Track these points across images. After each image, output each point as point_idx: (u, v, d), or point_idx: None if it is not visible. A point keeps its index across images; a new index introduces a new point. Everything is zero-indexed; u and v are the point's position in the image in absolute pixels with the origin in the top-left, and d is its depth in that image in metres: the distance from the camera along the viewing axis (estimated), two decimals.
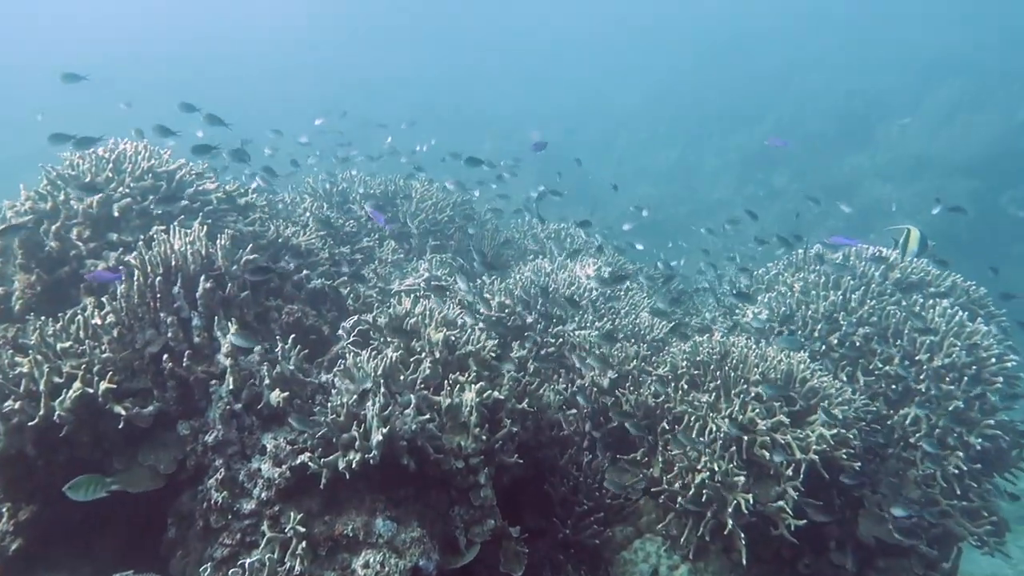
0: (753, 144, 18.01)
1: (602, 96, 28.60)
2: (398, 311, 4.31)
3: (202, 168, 4.84)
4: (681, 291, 6.78)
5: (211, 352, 3.63)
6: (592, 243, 7.18)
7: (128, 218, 4.18)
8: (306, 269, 4.92)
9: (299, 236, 5.05)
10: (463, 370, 4.11)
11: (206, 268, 3.75)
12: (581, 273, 5.67)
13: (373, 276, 5.24)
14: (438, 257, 5.95)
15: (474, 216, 6.95)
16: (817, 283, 5.31)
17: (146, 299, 3.56)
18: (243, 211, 4.90)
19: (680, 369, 4.48)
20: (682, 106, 23.39)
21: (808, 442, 3.94)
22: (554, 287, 5.28)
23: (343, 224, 5.62)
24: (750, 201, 16.72)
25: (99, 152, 4.30)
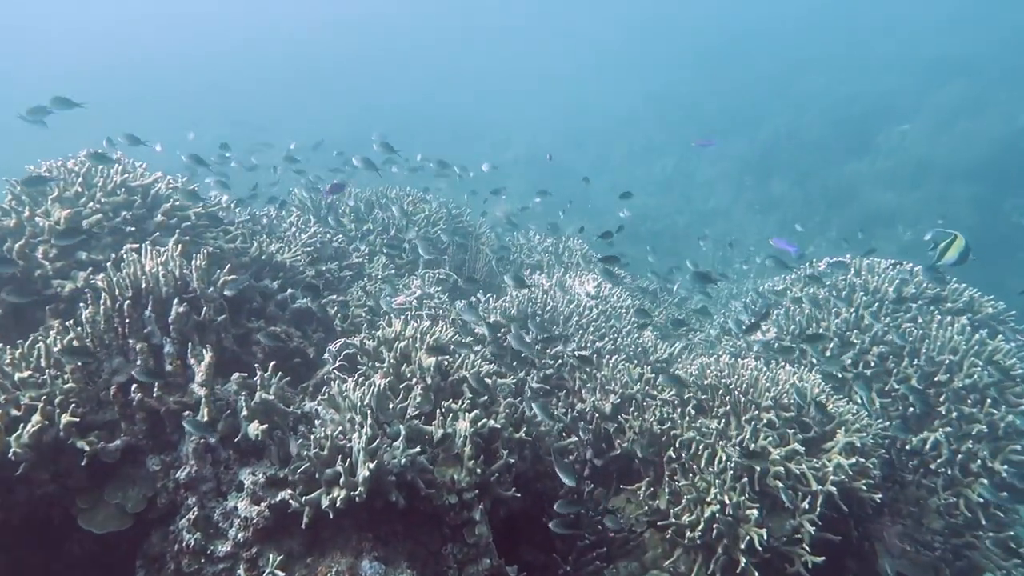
0: (751, 151, 17.83)
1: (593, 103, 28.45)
2: (387, 334, 4.06)
3: (181, 182, 4.59)
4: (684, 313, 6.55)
5: (184, 381, 3.36)
6: (591, 256, 6.95)
7: (99, 235, 3.93)
8: (290, 287, 4.67)
9: (283, 253, 4.80)
10: (456, 397, 3.86)
11: (180, 290, 3.49)
12: (580, 289, 5.43)
13: (362, 294, 4.99)
14: (431, 273, 5.70)
15: (469, 230, 6.71)
16: (828, 299, 5.08)
17: (113, 324, 3.30)
18: (224, 227, 4.65)
19: (687, 393, 4.23)
20: (678, 112, 23.23)
21: (825, 472, 3.69)
22: (552, 305, 5.03)
23: (331, 239, 5.37)
24: (748, 210, 16.54)
25: (68, 165, 4.04)
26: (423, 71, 34.78)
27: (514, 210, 16.02)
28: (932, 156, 15.00)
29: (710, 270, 6.85)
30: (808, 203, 15.24)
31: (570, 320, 5.00)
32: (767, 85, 22.30)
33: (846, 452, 3.79)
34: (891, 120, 16.48)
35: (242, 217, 4.94)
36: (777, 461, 3.72)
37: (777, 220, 15.72)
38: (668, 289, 6.91)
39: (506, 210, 12.48)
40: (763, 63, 24.73)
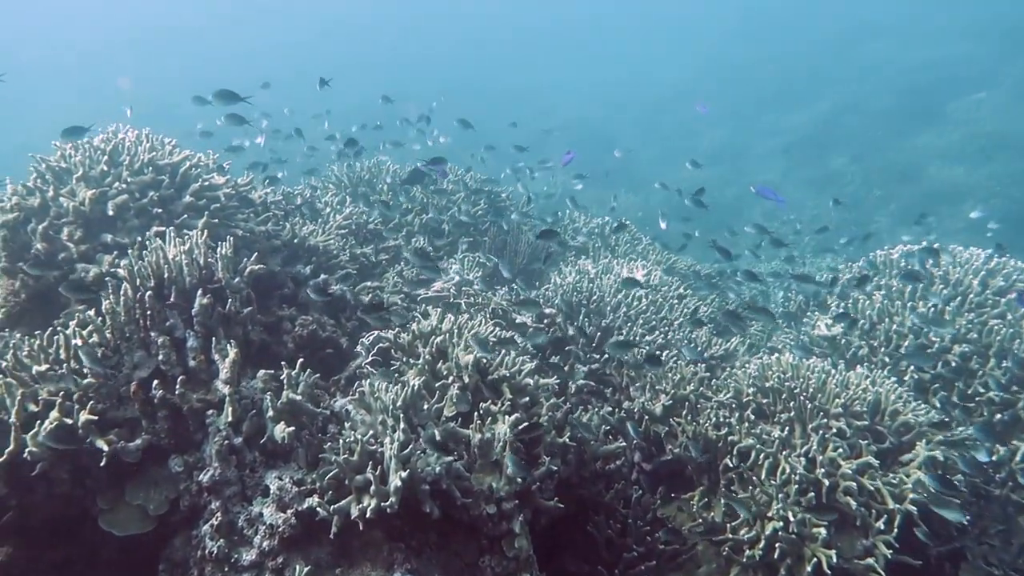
0: (809, 124, 16.94)
1: (645, 71, 27.55)
2: (423, 328, 3.80)
3: (211, 160, 4.38)
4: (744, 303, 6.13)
5: (208, 377, 3.17)
6: (640, 240, 6.57)
7: (125, 217, 3.74)
8: (324, 273, 4.45)
9: (317, 236, 4.57)
10: (496, 397, 3.59)
11: (204, 280, 3.28)
12: (628, 275, 5.08)
13: (399, 280, 4.74)
14: (470, 256, 5.42)
15: (509, 209, 6.39)
16: (902, 291, 4.63)
17: (135, 316, 3.11)
18: (256, 207, 4.43)
19: (746, 396, 3.89)
20: (731, 82, 22.28)
21: (903, 489, 3.33)
22: (598, 295, 4.70)
23: (367, 220, 5.12)
24: (803, 184, 15.77)
25: (95, 142, 3.86)
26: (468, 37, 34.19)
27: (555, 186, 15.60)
28: (1007, 129, 13.97)
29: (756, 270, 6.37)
30: (868, 178, 14.42)
31: (618, 311, 4.68)
32: (826, 53, 21.17)
33: (927, 467, 3.41)
34: (963, 90, 15.40)
35: (275, 197, 4.72)
36: (848, 475, 3.37)
37: (832, 195, 14.92)
38: (725, 277, 6.49)
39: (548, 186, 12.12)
40: (821, 29, 23.47)
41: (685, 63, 26.55)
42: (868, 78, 17.50)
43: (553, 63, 32.22)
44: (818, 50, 21.76)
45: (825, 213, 14.52)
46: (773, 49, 23.40)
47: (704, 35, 27.57)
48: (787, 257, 8.19)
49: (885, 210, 13.39)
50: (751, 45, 24.68)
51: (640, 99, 24.46)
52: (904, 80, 17.01)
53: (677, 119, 21.58)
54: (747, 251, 9.18)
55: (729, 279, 6.16)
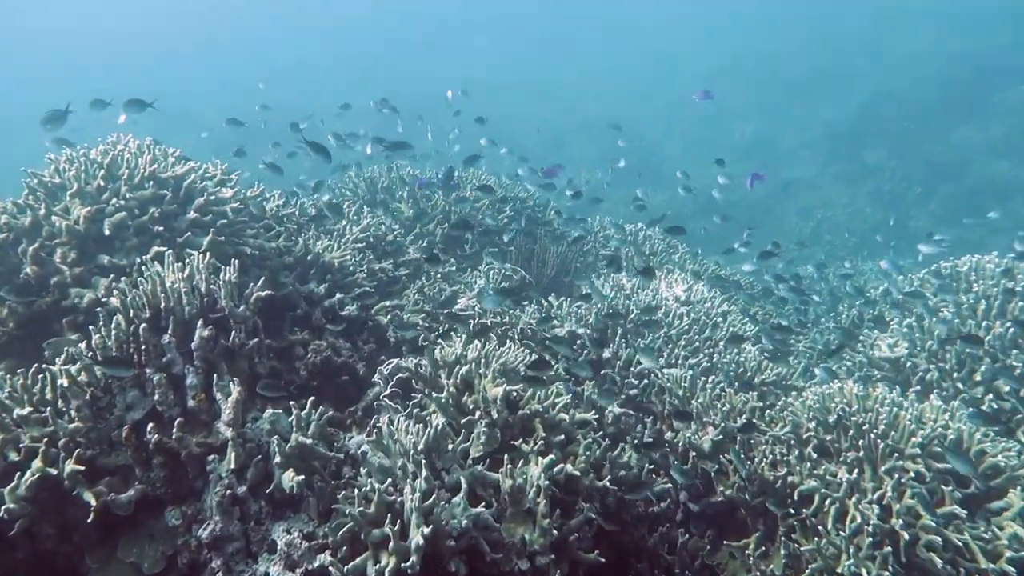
0: (842, 116, 16.30)
1: (669, 63, 26.96)
2: (446, 356, 3.45)
3: (219, 171, 4.06)
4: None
5: (209, 418, 2.85)
6: (675, 247, 6.16)
7: (123, 236, 3.44)
8: (339, 291, 4.12)
9: (332, 251, 4.24)
10: (527, 435, 3.24)
11: (206, 310, 2.96)
12: (668, 293, 4.69)
13: (419, 297, 4.40)
14: (496, 268, 5.06)
15: (537, 214, 6.02)
16: (975, 308, 4.18)
17: (128, 352, 2.80)
18: (266, 222, 4.11)
19: (805, 430, 3.49)
20: (757, 74, 21.62)
21: (997, 545, 2.91)
22: (635, 313, 4.32)
23: (386, 232, 4.78)
24: (838, 180, 15.17)
25: (91, 154, 3.56)
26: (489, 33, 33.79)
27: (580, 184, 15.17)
28: None
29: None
30: (907, 174, 13.79)
31: (657, 329, 4.29)
32: (858, 43, 20.42)
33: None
34: (1008, 81, 14.67)
35: (288, 209, 4.40)
36: (931, 527, 2.96)
37: (870, 191, 14.34)
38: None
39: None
40: (852, 18, 22.70)
41: (710, 54, 25.90)
42: (905, 68, 16.79)
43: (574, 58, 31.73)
44: (850, 40, 21.03)
45: (860, 211, 13.96)
46: (802, 39, 22.71)
47: (729, 25, 26.88)
48: (818, 264, 7.72)
49: (925, 208, 12.79)
50: (778, 35, 23.99)
51: (664, 92, 23.90)
52: (944, 70, 16.29)
53: (703, 112, 21.00)
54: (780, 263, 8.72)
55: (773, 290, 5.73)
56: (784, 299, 5.66)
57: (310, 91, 23.65)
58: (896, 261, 8.86)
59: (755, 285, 6.01)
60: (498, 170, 17.21)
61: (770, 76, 21.40)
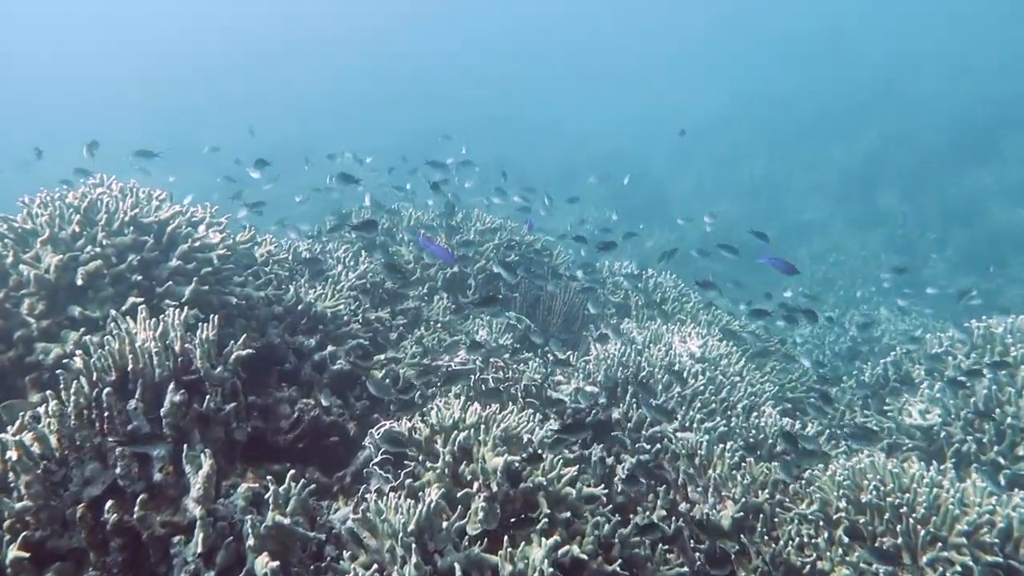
0: (853, 158, 16.15)
1: (677, 101, 27.03)
2: (442, 419, 3.18)
3: (207, 213, 3.85)
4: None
5: (177, 494, 2.57)
6: (688, 295, 5.89)
7: (97, 286, 3.20)
8: (332, 343, 3.86)
9: (325, 300, 3.99)
10: (530, 510, 2.95)
11: (179, 371, 2.71)
12: (681, 347, 4.42)
13: (417, 350, 4.14)
14: (500, 317, 4.80)
15: (544, 258, 5.78)
16: (1014, 374, 3.89)
17: (90, 419, 2.54)
18: (256, 269, 3.88)
19: (835, 509, 3.18)
20: (767, 115, 21.59)
21: None
22: (648, 370, 4.05)
23: (383, 280, 4.54)
24: (850, 224, 14.94)
25: (68, 199, 3.34)
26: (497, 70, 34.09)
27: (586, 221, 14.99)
28: None
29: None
30: (922, 218, 13.56)
31: (670, 390, 4.01)
32: (870, 85, 20.38)
33: None
34: (1021, 127, 14.51)
35: (279, 255, 4.17)
36: None
37: (883, 236, 14.10)
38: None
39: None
40: (863, 60, 22.74)
41: (718, 94, 25.98)
42: (917, 111, 16.68)
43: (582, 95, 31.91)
44: (859, 81, 21.00)
45: (873, 255, 13.69)
46: (810, 80, 22.72)
47: (737, 65, 27.00)
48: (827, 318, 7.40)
49: (941, 254, 12.51)
50: (787, 76, 24.04)
51: (672, 131, 23.86)
52: (956, 115, 16.17)
53: (712, 151, 20.95)
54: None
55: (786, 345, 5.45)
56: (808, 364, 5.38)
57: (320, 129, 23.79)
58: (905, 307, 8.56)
59: (772, 340, 5.72)
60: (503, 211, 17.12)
61: (777, 116, 21.36)
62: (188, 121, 21.57)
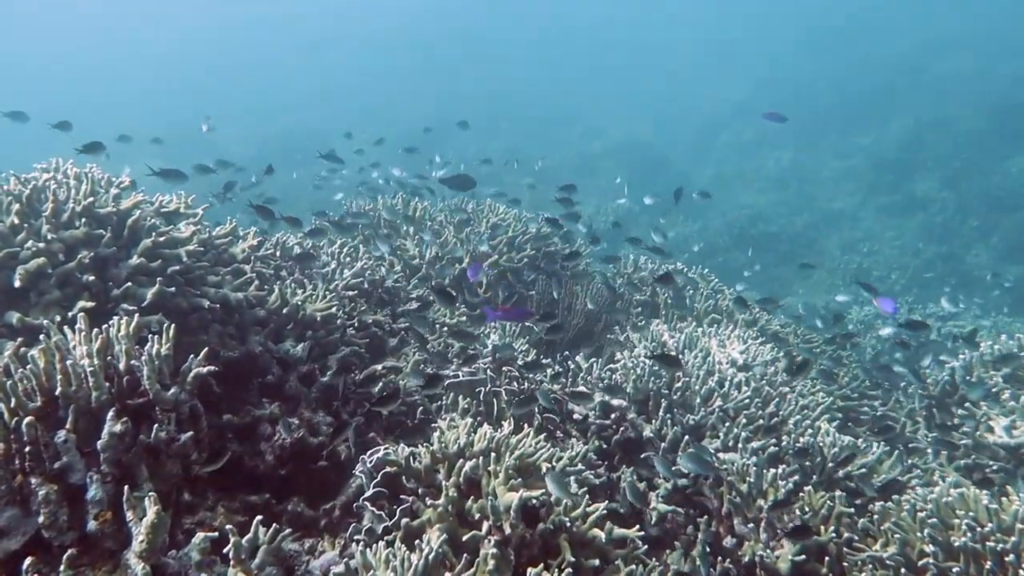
0: (884, 144, 15.38)
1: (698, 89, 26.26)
2: (446, 445, 2.68)
3: (181, 204, 3.38)
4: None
5: (117, 547, 2.10)
6: (720, 290, 5.33)
7: (42, 288, 2.74)
8: (322, 350, 3.38)
9: (315, 301, 3.51)
10: (550, 557, 2.45)
11: (123, 394, 2.23)
12: (720, 353, 3.88)
13: (421, 357, 3.64)
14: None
15: (558, 255, 5.26)
16: None
17: (7, 453, 2.07)
18: (236, 266, 3.40)
19: (918, 553, 2.64)
20: (791, 102, 20.78)
21: None
22: (683, 380, 3.52)
23: (384, 276, 4.05)
24: (883, 212, 14.23)
25: (8, 186, 2.88)
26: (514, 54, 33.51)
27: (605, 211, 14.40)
28: None
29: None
30: (962, 205, 12.81)
31: (710, 403, 3.48)
32: (898, 68, 19.52)
33: None
34: None
35: (266, 249, 3.70)
36: None
37: (920, 225, 13.37)
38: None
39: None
40: (890, 42, 21.82)
41: (740, 80, 25.18)
42: (950, 95, 15.84)
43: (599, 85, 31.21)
44: (887, 65, 20.14)
45: (911, 243, 12.99)
46: (836, 65, 21.87)
47: (758, 51, 26.14)
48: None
49: (985, 243, 11.79)
50: (811, 61, 23.20)
51: (694, 119, 23.19)
52: (994, 97, 15.32)
53: (735, 139, 20.23)
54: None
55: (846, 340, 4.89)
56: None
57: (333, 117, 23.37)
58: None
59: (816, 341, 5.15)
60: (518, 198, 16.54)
61: (802, 103, 20.56)
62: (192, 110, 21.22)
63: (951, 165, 13.61)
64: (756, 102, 21.27)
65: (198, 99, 23.32)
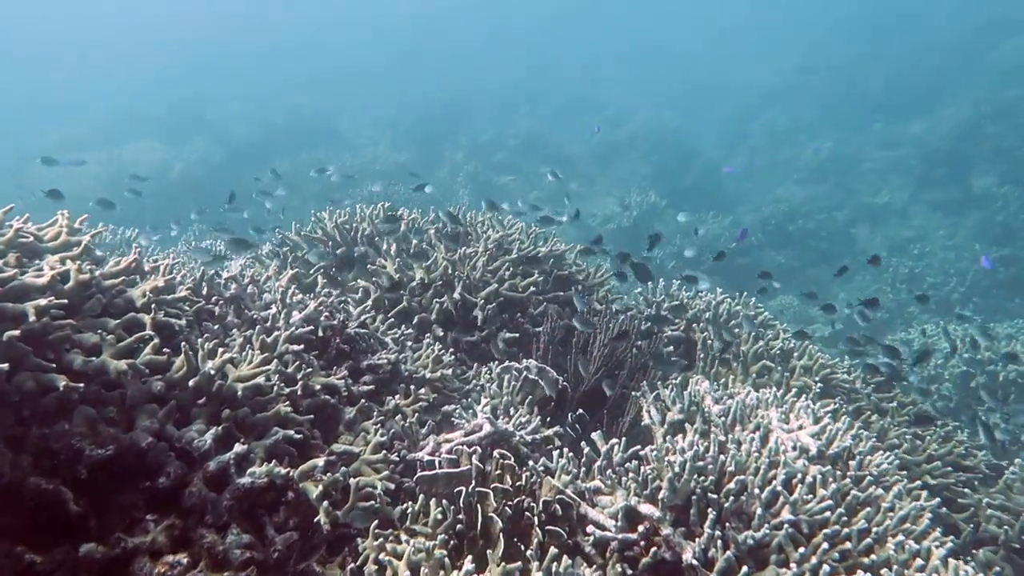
0: (937, 134, 14.09)
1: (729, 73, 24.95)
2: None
3: (62, 228, 2.50)
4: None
5: None
6: (771, 324, 4.33)
7: None
8: (246, 435, 2.49)
9: (241, 365, 2.61)
10: None
11: None
12: (782, 432, 2.92)
13: (385, 439, 2.73)
14: (515, 370, 3.37)
15: (578, 276, 4.31)
16: None
17: None
18: (134, 315, 2.52)
19: None
20: (830, 87, 19.46)
21: None
22: (737, 477, 2.57)
23: (345, 320, 3.12)
24: (936, 208, 13.03)
25: None
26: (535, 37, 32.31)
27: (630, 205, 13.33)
28: None
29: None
30: None
31: (774, 508, 2.53)
32: (948, 51, 18.08)
33: None
34: None
35: (179, 291, 2.80)
36: None
37: (976, 222, 12.17)
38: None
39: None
40: (941, 24, 20.30)
41: (774, 64, 23.80)
42: (1012, 79, 14.45)
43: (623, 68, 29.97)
44: (939, 49, 18.69)
45: (966, 244, 11.81)
46: (881, 49, 20.39)
47: (797, 33, 24.70)
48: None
49: None
50: (853, 44, 21.70)
51: (725, 105, 21.93)
52: None
53: (768, 127, 18.98)
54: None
55: None
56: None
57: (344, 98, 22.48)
58: None
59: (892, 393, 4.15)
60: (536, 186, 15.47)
61: (843, 89, 19.21)
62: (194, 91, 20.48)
63: (1014, 157, 12.34)
64: (794, 87, 19.98)
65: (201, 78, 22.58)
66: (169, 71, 25.15)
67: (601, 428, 3.62)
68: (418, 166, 14.58)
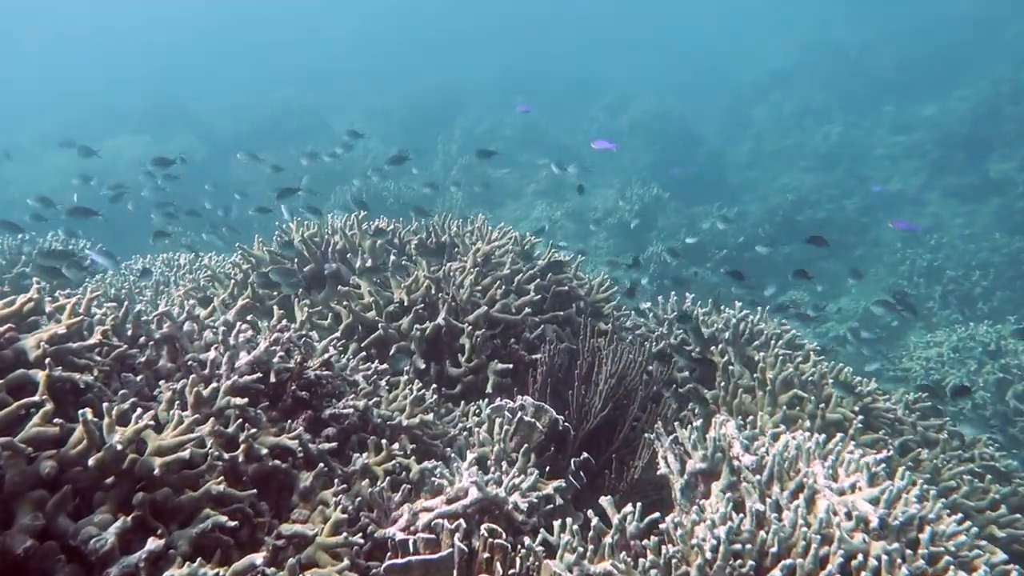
0: (953, 116, 13.50)
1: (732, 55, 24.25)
2: None
3: None
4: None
5: None
6: (799, 345, 3.82)
7: None
8: (165, 525, 1.98)
9: (166, 433, 2.10)
10: None
11: None
12: (833, 495, 2.40)
13: (346, 515, 2.23)
14: (507, 411, 2.86)
15: (579, 292, 3.79)
16: None
17: None
18: (23, 371, 2.01)
19: None
20: (839, 67, 18.81)
21: None
22: (782, 560, 2.07)
23: (306, 359, 2.61)
24: (953, 195, 12.47)
25: None
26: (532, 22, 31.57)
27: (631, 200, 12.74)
28: None
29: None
30: None
31: None
32: (965, 27, 17.42)
33: None
34: None
35: (88, 337, 2.28)
36: None
37: (995, 210, 11.64)
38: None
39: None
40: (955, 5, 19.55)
41: (778, 44, 23.10)
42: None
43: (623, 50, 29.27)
44: (953, 25, 18.03)
45: (984, 234, 11.26)
46: (891, 29, 19.72)
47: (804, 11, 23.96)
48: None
49: None
50: (862, 24, 21.00)
51: (728, 89, 21.27)
52: None
53: (774, 112, 18.38)
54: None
55: None
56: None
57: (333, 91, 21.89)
58: None
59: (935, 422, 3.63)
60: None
61: (852, 71, 18.57)
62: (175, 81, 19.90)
63: None
64: (800, 69, 19.33)
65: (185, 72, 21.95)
66: (150, 67, 24.53)
67: (609, 473, 3.14)
68: (412, 159, 14.00)
